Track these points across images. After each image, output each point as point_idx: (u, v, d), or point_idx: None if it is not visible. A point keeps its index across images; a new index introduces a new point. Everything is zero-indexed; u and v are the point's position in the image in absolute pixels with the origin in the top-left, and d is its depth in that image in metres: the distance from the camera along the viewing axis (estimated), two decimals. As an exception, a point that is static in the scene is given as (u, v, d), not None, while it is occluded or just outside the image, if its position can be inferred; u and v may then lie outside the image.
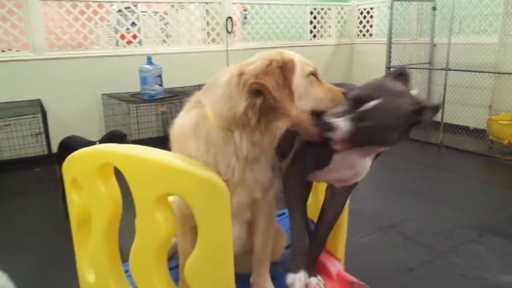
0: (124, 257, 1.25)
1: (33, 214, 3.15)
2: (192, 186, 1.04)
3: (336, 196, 1.37)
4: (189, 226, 1.32)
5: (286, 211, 2.05)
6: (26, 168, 4.06)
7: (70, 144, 3.20)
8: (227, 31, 5.26)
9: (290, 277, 1.25)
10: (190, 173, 1.03)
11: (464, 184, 3.57)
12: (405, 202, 3.19)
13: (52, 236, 2.70)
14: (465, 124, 4.77)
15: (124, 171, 1.08)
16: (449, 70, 4.62)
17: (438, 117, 4.88)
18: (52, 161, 3.95)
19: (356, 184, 1.31)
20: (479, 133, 4.54)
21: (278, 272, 1.39)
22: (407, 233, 2.65)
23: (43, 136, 3.92)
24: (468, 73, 4.58)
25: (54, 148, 3.77)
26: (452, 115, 4.82)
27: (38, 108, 3.97)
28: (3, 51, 4.28)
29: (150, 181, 1.06)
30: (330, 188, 1.39)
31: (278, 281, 1.35)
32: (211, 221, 1.06)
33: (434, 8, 5.23)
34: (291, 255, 1.32)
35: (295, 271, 1.26)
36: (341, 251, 1.57)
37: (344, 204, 1.38)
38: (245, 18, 5.69)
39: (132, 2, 4.84)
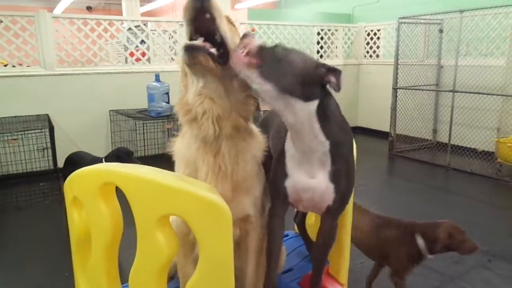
0: (124, 277, 1.23)
1: (36, 228, 3.14)
2: (194, 207, 1.02)
3: (323, 221, 1.36)
4: (188, 245, 1.31)
5: (288, 232, 2.03)
6: (32, 182, 4.08)
7: (76, 160, 3.21)
8: (235, 50, 5.31)
9: None
10: (192, 194, 1.02)
11: (472, 208, 3.51)
12: (412, 225, 3.13)
13: (54, 251, 2.68)
14: (472, 146, 4.72)
15: (126, 191, 1.07)
16: (456, 92, 4.62)
17: (445, 139, 4.86)
18: (57, 176, 3.97)
19: (336, 210, 1.28)
20: (487, 156, 4.49)
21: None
22: (414, 257, 2.59)
23: (50, 151, 3.95)
24: (476, 95, 4.56)
25: (60, 163, 3.79)
26: (459, 137, 4.79)
27: (45, 123, 4.00)
28: (13, 66, 4.35)
29: (152, 201, 1.05)
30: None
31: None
32: (212, 242, 1.04)
33: (441, 31, 5.25)
34: None
35: None
36: (344, 275, 1.53)
37: (332, 231, 1.35)
38: (253, 38, 5.74)
39: (142, 21, 4.93)
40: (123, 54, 5.23)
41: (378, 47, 6.45)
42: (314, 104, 1.10)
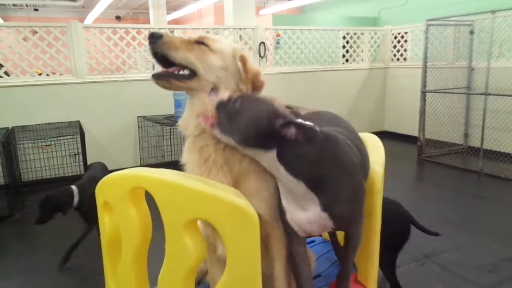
0: (152, 280, 1.25)
1: (68, 232, 3.22)
2: (222, 212, 1.03)
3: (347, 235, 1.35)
4: (210, 248, 1.31)
5: (315, 238, 2.01)
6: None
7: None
8: (260, 56, 5.34)
9: None
10: (220, 199, 1.02)
11: (507, 215, 3.37)
12: (443, 231, 3.00)
13: (85, 255, 2.75)
14: (507, 151, 4.55)
15: (155, 196, 1.09)
16: (489, 94, 4.47)
17: (477, 143, 4.70)
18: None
19: (347, 227, 1.27)
20: (522, 161, 4.32)
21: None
22: (446, 265, 2.51)
23: (81, 156, 4.07)
24: (510, 98, 4.41)
25: (91, 168, 3.89)
26: (492, 141, 4.62)
27: (77, 129, 4.14)
28: (47, 74, 4.51)
29: (180, 206, 1.06)
30: None
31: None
32: (239, 247, 1.05)
33: (471, 32, 5.11)
34: None
35: None
36: (373, 282, 1.50)
37: (353, 236, 1.32)
38: (278, 43, 5.76)
39: (169, 29, 5.03)
40: (150, 61, 5.34)
41: (405, 50, 6.33)
42: (272, 152, 1.10)
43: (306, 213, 1.17)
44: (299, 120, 1.06)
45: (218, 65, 1.26)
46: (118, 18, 13.56)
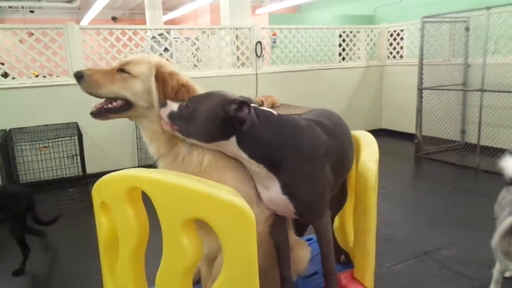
0: (150, 280, 1.25)
1: (67, 233, 3.23)
2: (219, 211, 1.04)
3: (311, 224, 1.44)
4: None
5: (312, 236, 2.02)
6: (62, 188, 4.20)
7: None
8: (257, 55, 5.34)
9: None
10: (217, 198, 1.03)
11: (504, 210, 3.38)
12: (441, 228, 3.05)
13: (84, 255, 2.75)
14: (503, 147, 4.56)
15: (151, 196, 1.10)
16: (485, 91, 4.48)
17: (474, 140, 4.72)
18: (86, 182, 4.08)
19: (309, 215, 1.33)
20: (519, 156, 4.33)
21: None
22: (444, 262, 2.52)
23: (79, 157, 4.07)
24: (505, 93, 4.42)
25: (89, 169, 3.90)
26: (489, 137, 4.65)
27: (74, 130, 4.14)
28: (44, 76, 4.51)
29: (177, 205, 1.07)
30: None
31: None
32: (236, 245, 1.06)
33: (467, 29, 5.12)
34: None
35: None
36: (369, 279, 1.51)
37: (320, 229, 1.39)
38: (274, 42, 5.77)
39: (165, 29, 5.03)
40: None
41: (401, 47, 6.34)
42: (233, 139, 1.17)
43: (269, 192, 1.26)
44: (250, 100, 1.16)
45: (141, 89, 1.25)
46: (114, 19, 13.53)
